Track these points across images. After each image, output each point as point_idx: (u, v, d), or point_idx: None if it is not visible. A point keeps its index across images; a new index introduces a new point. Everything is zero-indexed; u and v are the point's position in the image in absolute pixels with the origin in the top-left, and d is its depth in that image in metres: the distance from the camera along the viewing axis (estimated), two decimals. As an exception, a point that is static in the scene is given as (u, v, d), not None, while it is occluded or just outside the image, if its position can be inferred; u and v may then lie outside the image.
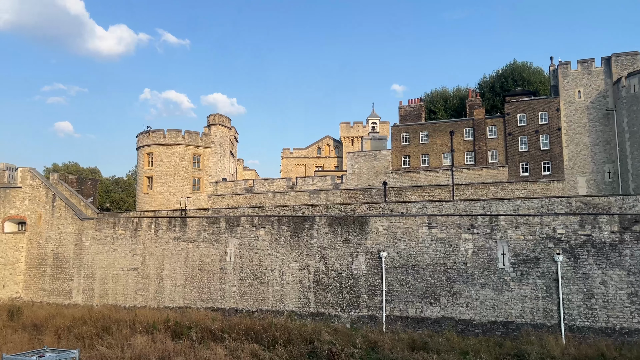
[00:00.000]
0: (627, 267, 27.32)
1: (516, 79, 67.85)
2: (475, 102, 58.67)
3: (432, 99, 75.17)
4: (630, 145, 46.82)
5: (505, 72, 70.53)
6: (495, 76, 71.97)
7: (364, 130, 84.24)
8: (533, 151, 52.25)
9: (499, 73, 71.54)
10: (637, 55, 49.67)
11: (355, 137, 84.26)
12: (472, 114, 56.51)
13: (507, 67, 71.26)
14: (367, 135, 76.79)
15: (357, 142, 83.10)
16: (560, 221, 29.07)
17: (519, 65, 70.40)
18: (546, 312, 28.33)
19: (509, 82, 67.97)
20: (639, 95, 45.77)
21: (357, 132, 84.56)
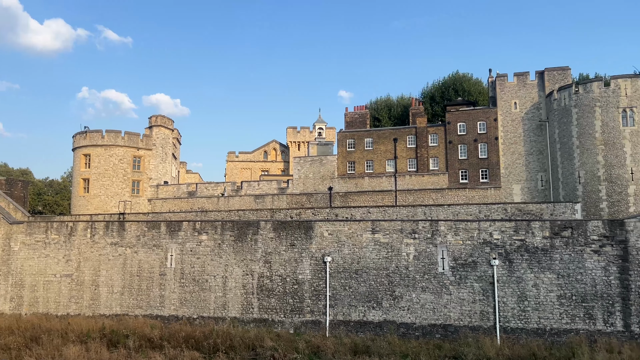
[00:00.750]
0: (557, 271, 28.81)
1: (457, 89, 70.28)
2: (418, 110, 60.26)
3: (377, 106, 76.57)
4: (561, 155, 49.55)
5: (447, 82, 72.91)
6: (438, 86, 74.27)
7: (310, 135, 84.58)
8: (472, 159, 54.24)
9: (441, 83, 73.88)
10: (568, 70, 52.73)
11: (302, 142, 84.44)
12: (415, 122, 58.00)
13: (449, 77, 73.73)
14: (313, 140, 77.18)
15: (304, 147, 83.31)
16: (497, 227, 30.28)
17: (460, 76, 72.99)
18: (483, 314, 29.37)
19: (450, 92, 70.32)
20: (570, 108, 48.58)
21: (303, 137, 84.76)
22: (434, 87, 75.07)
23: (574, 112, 48.15)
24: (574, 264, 28.64)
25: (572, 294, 28.41)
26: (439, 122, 62.88)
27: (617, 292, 27.87)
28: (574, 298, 28.36)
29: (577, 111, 47.91)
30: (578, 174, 47.34)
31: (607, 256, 28.32)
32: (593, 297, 28.14)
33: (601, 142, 46.23)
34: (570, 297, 28.41)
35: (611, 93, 46.39)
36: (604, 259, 28.33)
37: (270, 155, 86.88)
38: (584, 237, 28.79)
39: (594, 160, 46.42)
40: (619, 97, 46.08)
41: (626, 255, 28.04)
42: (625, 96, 45.92)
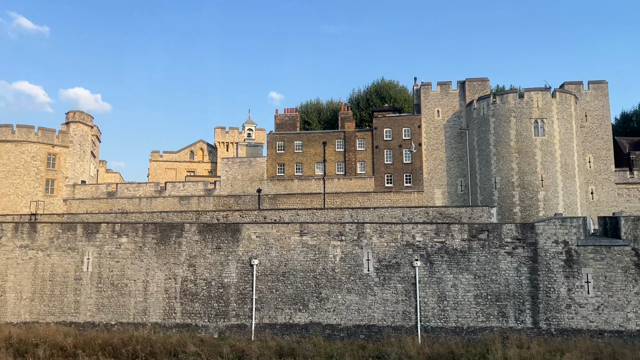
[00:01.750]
0: (474, 272, 30.31)
1: (383, 95, 72.25)
2: (346, 115, 61.29)
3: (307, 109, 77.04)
4: (479, 162, 52.29)
5: (374, 88, 74.75)
6: (365, 91, 75.97)
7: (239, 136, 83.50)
8: (397, 164, 55.93)
9: (368, 89, 75.64)
10: (487, 81, 55.77)
11: (231, 142, 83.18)
12: (343, 126, 58.92)
13: (376, 83, 75.64)
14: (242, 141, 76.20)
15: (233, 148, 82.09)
16: (419, 229, 31.38)
17: (387, 82, 75.11)
18: (405, 314, 30.29)
19: (376, 99, 72.15)
20: (488, 117, 51.39)
21: (232, 137, 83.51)
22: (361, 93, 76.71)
23: (491, 121, 50.96)
24: (490, 265, 30.26)
25: (488, 294, 29.98)
26: (367, 127, 64.30)
27: (528, 291, 29.76)
28: (489, 297, 29.95)
29: (494, 120, 50.75)
30: (494, 179, 50.13)
31: (519, 257, 30.17)
32: (506, 296, 29.85)
33: (515, 150, 49.26)
34: (485, 297, 29.97)
35: (525, 104, 49.59)
36: (517, 260, 30.16)
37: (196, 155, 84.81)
38: (498, 239, 30.49)
39: (509, 167, 49.36)
40: (531, 109, 49.34)
41: (536, 257, 30.02)
42: (537, 108, 49.25)
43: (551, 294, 29.54)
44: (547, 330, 29.18)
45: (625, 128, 69.86)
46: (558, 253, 29.87)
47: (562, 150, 48.94)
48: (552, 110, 49.16)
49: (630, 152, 56.93)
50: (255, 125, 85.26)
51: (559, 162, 48.60)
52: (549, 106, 49.25)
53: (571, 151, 49.52)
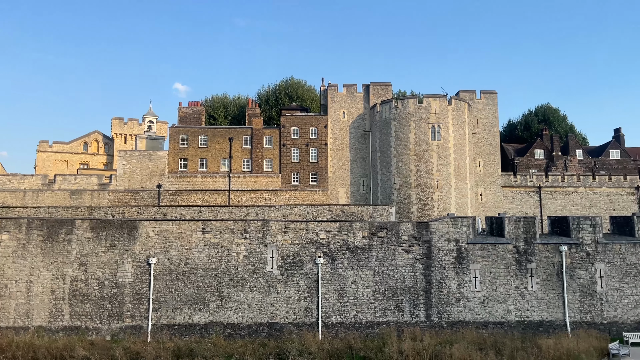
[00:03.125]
0: (373, 268, 31.41)
1: (292, 94, 72.64)
2: (254, 111, 60.78)
3: (213, 104, 75.32)
4: (381, 163, 54.35)
5: (282, 86, 74.89)
6: (274, 89, 75.88)
7: (139, 128, 79.54)
8: (303, 162, 56.48)
9: (278, 86, 75.65)
10: (389, 86, 58.10)
11: (130, 134, 78.98)
12: (251, 122, 58.35)
13: (285, 82, 75.85)
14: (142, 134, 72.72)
15: (131, 140, 78.01)
16: (323, 227, 31.91)
17: (295, 81, 75.60)
18: (307, 311, 30.64)
19: (285, 97, 72.38)
20: (389, 120, 53.55)
21: (131, 129, 79.34)
22: (270, 90, 76.52)
23: (393, 124, 53.16)
24: (388, 262, 31.52)
25: (385, 289, 31.22)
26: (275, 124, 64.26)
27: (422, 286, 31.40)
28: (386, 293, 31.19)
29: (395, 124, 52.99)
30: (394, 180, 52.36)
31: (415, 254, 31.75)
32: (402, 292, 31.28)
33: (414, 152, 51.81)
34: (383, 292, 31.18)
35: (423, 110, 52.31)
36: (412, 257, 31.71)
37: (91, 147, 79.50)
38: (396, 237, 31.86)
39: (408, 169, 51.81)
40: (429, 114, 52.17)
41: (430, 254, 31.77)
42: (434, 113, 52.17)
43: (443, 289, 31.42)
44: (439, 323, 31.00)
45: (511, 135, 76.35)
46: (450, 250, 31.84)
47: (456, 154, 52.29)
48: (448, 117, 52.33)
49: (515, 157, 62.28)
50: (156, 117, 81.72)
51: (452, 165, 51.86)
52: (446, 112, 52.37)
53: (464, 155, 53.07)
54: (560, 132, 69.29)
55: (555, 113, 76.01)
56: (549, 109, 76.70)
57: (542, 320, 31.40)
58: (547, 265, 31.95)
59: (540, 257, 31.99)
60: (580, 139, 73.98)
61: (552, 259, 32.02)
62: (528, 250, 32.02)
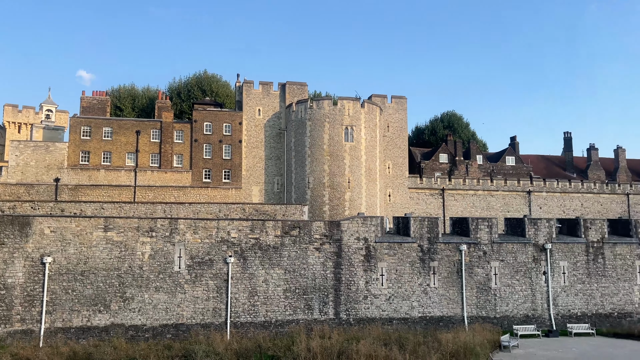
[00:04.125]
0: (285, 267, 31.43)
1: (205, 88, 70.82)
2: (164, 104, 58.47)
3: (120, 94, 71.51)
4: (295, 162, 54.57)
5: (195, 79, 72.77)
6: (187, 82, 73.52)
7: (36, 117, 73.49)
8: (216, 159, 55.26)
9: (190, 80, 73.38)
10: (305, 86, 58.49)
11: (25, 123, 72.75)
12: (160, 116, 56.06)
13: (198, 75, 73.76)
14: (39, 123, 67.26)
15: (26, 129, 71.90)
16: (235, 225, 31.40)
17: (209, 76, 73.79)
18: (215, 311, 29.98)
19: (198, 91, 70.42)
20: (305, 120, 53.91)
21: (26, 118, 73.11)
22: (182, 83, 74.05)
23: (308, 124, 53.58)
24: (299, 260, 31.69)
25: (296, 288, 31.36)
26: (187, 119, 62.28)
27: (332, 284, 31.93)
28: (297, 291, 31.34)
29: (310, 124, 53.46)
30: (308, 179, 52.80)
31: (326, 253, 32.20)
32: (312, 290, 31.59)
33: (328, 153, 52.58)
34: (294, 291, 31.30)
35: (338, 111, 53.26)
36: (323, 256, 32.13)
37: (-21, 135, 72.24)
38: (308, 236, 32.12)
39: (321, 169, 52.48)
40: (343, 116, 53.20)
41: (340, 252, 32.37)
42: (348, 115, 53.28)
43: (352, 287, 32.16)
44: (347, 320, 31.69)
45: (419, 140, 80.00)
46: (359, 249, 32.66)
47: (367, 156, 53.80)
48: (360, 119, 53.70)
49: (421, 161, 65.30)
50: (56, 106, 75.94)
51: (364, 167, 53.29)
52: (358, 115, 53.70)
53: (375, 157, 54.74)
54: (463, 138, 73.66)
55: (459, 120, 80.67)
56: (453, 115, 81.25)
57: (442, 316, 33.15)
58: (448, 264, 33.79)
59: (442, 256, 33.76)
60: (481, 145, 79.15)
61: (453, 258, 33.92)
62: (431, 249, 33.67)
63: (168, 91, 72.93)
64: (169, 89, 74.15)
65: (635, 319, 35.71)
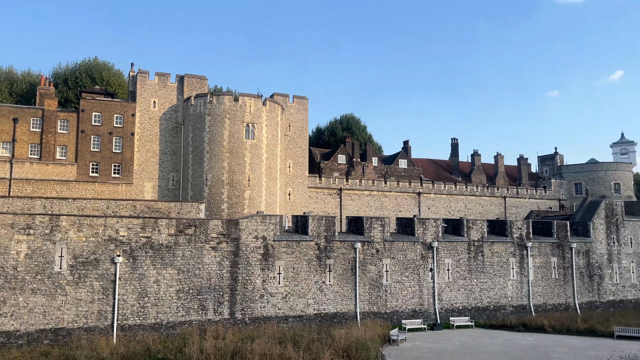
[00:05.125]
0: (178, 267, 30.26)
1: (95, 76, 66.23)
2: (47, 91, 53.71)
3: (-5, 77, 64.58)
4: (193, 158, 52.86)
5: (84, 66, 67.73)
6: (73, 68, 68.19)
7: None
8: (105, 152, 51.88)
9: (78, 66, 68.16)
10: (205, 80, 56.90)
11: None
12: (42, 103, 51.44)
13: (87, 62, 68.75)
14: None
15: None
16: (124, 223, 29.61)
17: (100, 63, 69.11)
18: (101, 314, 28.08)
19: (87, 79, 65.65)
20: (204, 115, 52.41)
21: None
22: (68, 69, 68.59)
23: (207, 119, 52.18)
24: (194, 260, 30.68)
25: (190, 288, 30.33)
26: (73, 108, 57.79)
27: (228, 284, 31.31)
28: (191, 292, 30.32)
29: (210, 119, 52.11)
30: (206, 176, 51.41)
31: (223, 252, 31.51)
32: (207, 290, 30.75)
33: (228, 150, 51.58)
34: (187, 291, 30.24)
35: (239, 108, 52.47)
36: (220, 255, 31.41)
37: None
38: (205, 234, 31.21)
39: (220, 166, 51.37)
40: (244, 113, 52.52)
41: (237, 251, 31.86)
42: (249, 113, 52.70)
43: (248, 286, 31.79)
44: (242, 319, 31.27)
45: (319, 140, 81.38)
46: (257, 247, 32.38)
47: (268, 154, 53.61)
48: (262, 117, 53.36)
49: (321, 161, 66.47)
50: None
51: (264, 165, 53.04)
52: (260, 113, 53.33)
53: (275, 156, 54.71)
54: (361, 140, 76.15)
55: (357, 123, 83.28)
56: (352, 118, 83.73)
57: (337, 312, 33.93)
58: (343, 261, 34.66)
59: (338, 254, 34.56)
60: (377, 148, 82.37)
61: (348, 255, 34.86)
62: (328, 247, 34.32)
63: (52, 77, 67.17)
64: (53, 75, 68.33)
65: (508, 311, 39.19)
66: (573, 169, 78.60)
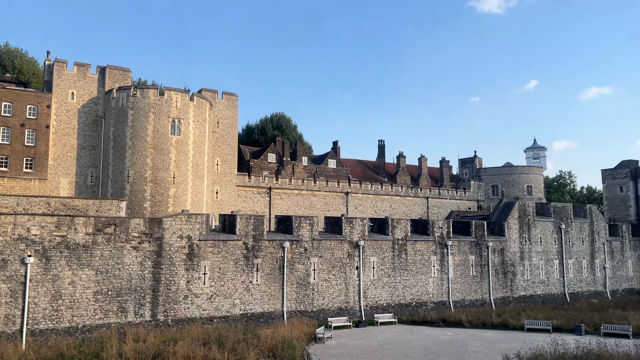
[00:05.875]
0: (97, 267, 28.72)
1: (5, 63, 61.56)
2: (-50, 77, 49.25)
3: None
4: (114, 153, 50.39)
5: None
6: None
7: None
8: (16, 145, 48.29)
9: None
10: (129, 72, 54.49)
11: None
12: (-56, 90, 47.06)
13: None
14: None
15: None
16: (37, 222, 27.70)
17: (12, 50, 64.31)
18: (8, 318, 26.10)
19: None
20: (126, 109, 50.13)
21: None
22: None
23: (130, 113, 49.98)
24: (114, 260, 29.27)
25: (109, 290, 28.89)
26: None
27: (149, 284, 30.14)
28: (109, 293, 28.89)
29: (133, 113, 49.94)
30: (128, 173, 49.22)
31: (145, 252, 30.29)
32: (127, 291, 29.43)
33: (152, 146, 49.68)
34: (106, 293, 28.79)
35: (164, 102, 50.70)
36: (142, 255, 30.17)
37: None
38: (125, 234, 29.85)
39: (144, 162, 49.37)
40: (170, 108, 50.82)
41: (161, 251, 30.75)
42: (175, 108, 51.07)
43: (171, 287, 30.78)
44: (165, 321, 30.23)
45: (249, 138, 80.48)
46: (182, 247, 31.44)
47: (195, 151, 52.24)
48: (189, 112, 51.91)
49: (251, 159, 65.77)
50: None
51: (191, 162, 51.63)
52: (187, 108, 51.85)
53: (203, 153, 53.41)
54: (291, 139, 76.19)
55: (287, 122, 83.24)
56: (282, 117, 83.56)
57: (263, 312, 33.69)
58: (271, 260, 34.47)
59: (266, 253, 34.32)
60: (307, 147, 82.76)
61: (276, 255, 34.71)
62: (256, 246, 33.98)
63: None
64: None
65: (429, 308, 40.73)
66: (490, 171, 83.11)
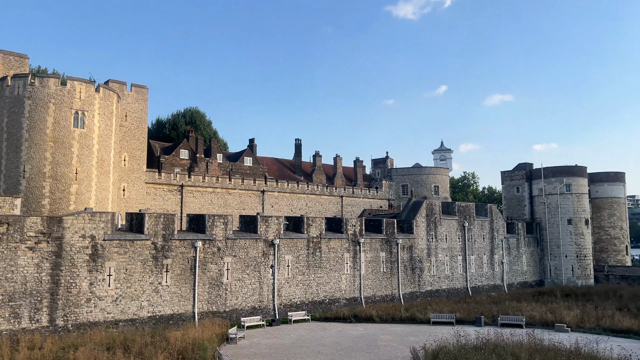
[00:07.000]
0: (-15, 270, 26.20)
1: None
2: None
3: None
4: (7, 146, 46.23)
5: None
6: None
7: None
8: None
9: None
10: (26, 59, 50.31)
11: None
12: None
13: None
14: None
15: None
16: None
17: None
18: None
19: None
20: (23, 98, 46.20)
21: None
22: None
23: (27, 103, 46.12)
24: (6, 262, 26.89)
25: (0, 294, 26.47)
26: None
27: (47, 287, 28.03)
28: (0, 298, 26.48)
29: (30, 103, 46.15)
30: (24, 167, 45.42)
31: (42, 253, 28.12)
32: (22, 295, 27.17)
33: (51, 139, 46.19)
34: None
35: (67, 93, 47.32)
36: (39, 256, 27.99)
37: None
38: (20, 233, 27.54)
39: (42, 156, 45.78)
40: (73, 99, 47.53)
41: (60, 252, 28.68)
42: (79, 99, 47.85)
43: (72, 290, 28.84)
44: (64, 326, 28.26)
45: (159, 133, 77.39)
46: (84, 248, 29.55)
47: (100, 146, 49.29)
48: (94, 104, 48.88)
49: (161, 155, 63.28)
50: None
51: (95, 157, 48.64)
52: (92, 100, 48.80)
53: (109, 147, 50.53)
54: (205, 135, 74.31)
55: (202, 117, 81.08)
56: (196, 112, 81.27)
57: (173, 314, 32.55)
58: (182, 261, 33.38)
59: (176, 253, 33.18)
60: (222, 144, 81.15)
61: (188, 254, 33.68)
62: (165, 246, 32.74)
63: None
64: None
65: (342, 304, 41.53)
66: (401, 172, 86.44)
